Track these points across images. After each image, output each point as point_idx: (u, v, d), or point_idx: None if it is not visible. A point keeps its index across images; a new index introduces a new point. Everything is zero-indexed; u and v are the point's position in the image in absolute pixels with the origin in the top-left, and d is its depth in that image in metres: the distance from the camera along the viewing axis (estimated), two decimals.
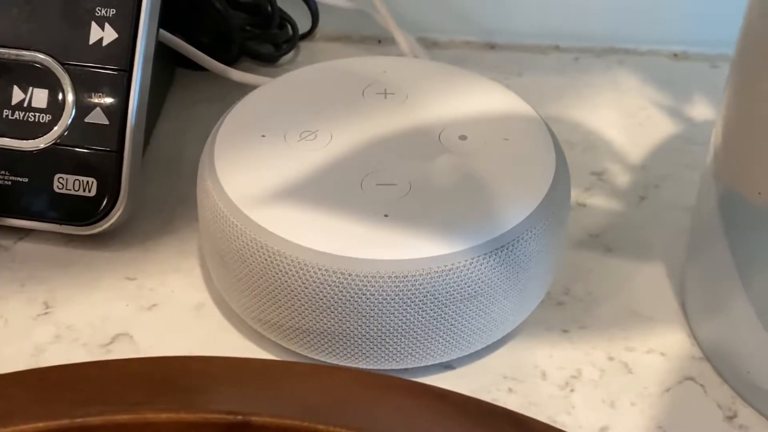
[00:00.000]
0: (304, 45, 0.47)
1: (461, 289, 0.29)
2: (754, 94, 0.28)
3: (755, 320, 0.29)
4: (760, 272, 0.29)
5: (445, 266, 0.29)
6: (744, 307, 0.29)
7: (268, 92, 0.35)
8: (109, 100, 0.34)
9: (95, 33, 0.34)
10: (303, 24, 0.46)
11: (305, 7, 0.46)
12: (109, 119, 0.34)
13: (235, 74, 0.40)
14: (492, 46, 0.47)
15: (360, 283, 0.29)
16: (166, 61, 0.42)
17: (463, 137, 0.33)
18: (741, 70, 0.29)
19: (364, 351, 0.30)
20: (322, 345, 0.30)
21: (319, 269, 0.29)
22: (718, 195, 0.30)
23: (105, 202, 0.34)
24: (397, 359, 0.30)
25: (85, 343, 0.33)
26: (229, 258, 0.31)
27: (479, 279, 0.29)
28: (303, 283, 0.29)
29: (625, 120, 0.43)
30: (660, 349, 0.33)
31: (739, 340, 0.30)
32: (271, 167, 0.31)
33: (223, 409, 0.25)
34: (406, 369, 0.31)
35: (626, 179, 0.40)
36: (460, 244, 0.29)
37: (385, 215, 0.30)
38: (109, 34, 0.34)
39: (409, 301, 0.29)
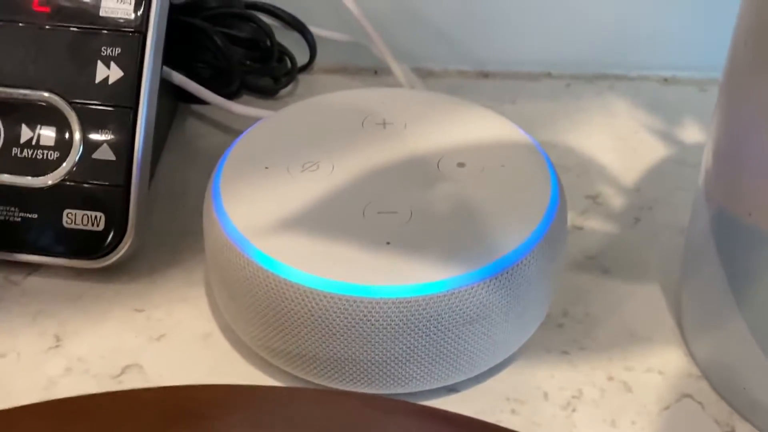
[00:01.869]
0: (302, 78, 0.48)
1: (463, 313, 0.30)
2: (741, 116, 0.29)
3: (749, 337, 0.30)
4: (753, 290, 0.29)
5: (447, 291, 0.30)
6: (738, 324, 0.30)
7: (270, 125, 0.36)
8: (115, 137, 0.35)
9: (101, 72, 0.35)
10: (301, 57, 0.47)
11: (303, 40, 0.47)
12: (115, 155, 0.35)
13: (237, 107, 0.41)
14: (485, 75, 0.48)
15: (365, 309, 0.30)
16: (168, 96, 0.43)
17: (461, 164, 0.34)
18: (728, 93, 0.30)
19: (369, 376, 0.31)
20: (329, 371, 0.31)
21: (325, 296, 0.30)
22: (710, 216, 0.31)
23: (113, 235, 0.35)
24: (402, 383, 0.31)
25: (95, 375, 0.33)
26: (236, 287, 0.31)
27: (481, 303, 0.30)
28: (309, 311, 0.30)
29: (618, 144, 0.44)
30: (658, 368, 0.34)
31: (734, 357, 0.31)
32: (275, 198, 0.32)
33: None
34: (411, 393, 0.32)
35: (620, 202, 0.41)
36: (461, 269, 0.30)
37: (388, 242, 0.31)
38: (114, 73, 0.35)
39: (412, 325, 0.30)
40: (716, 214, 0.31)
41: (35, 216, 0.35)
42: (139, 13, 0.35)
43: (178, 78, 0.40)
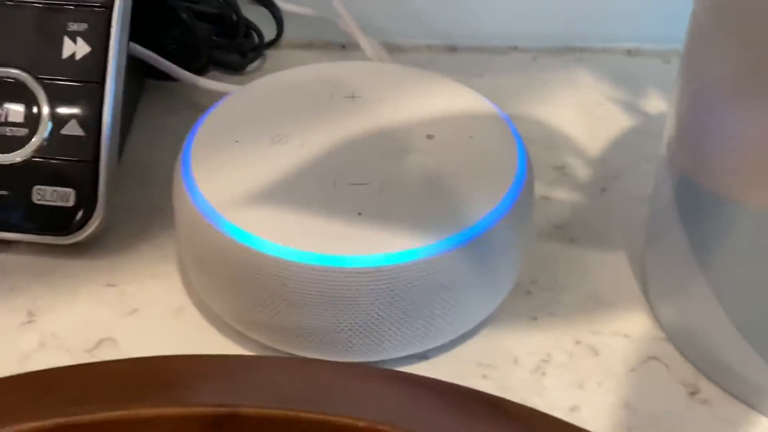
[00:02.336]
0: (270, 53, 0.48)
1: (434, 281, 0.31)
2: (700, 84, 0.29)
3: (712, 300, 0.31)
4: (715, 254, 0.30)
5: (418, 259, 0.30)
6: (701, 288, 0.31)
7: (238, 100, 0.36)
8: (83, 112, 0.35)
9: (68, 47, 0.35)
10: (268, 32, 0.47)
11: (270, 15, 0.47)
12: (84, 131, 0.35)
13: (204, 82, 0.41)
14: (453, 49, 0.48)
15: (337, 279, 0.30)
16: (136, 72, 0.42)
17: (430, 136, 0.34)
18: (688, 61, 0.30)
19: (343, 345, 0.31)
20: (303, 341, 0.31)
21: (297, 267, 0.30)
22: (673, 183, 0.32)
23: (83, 211, 0.35)
24: (375, 351, 0.32)
25: (69, 349, 0.33)
26: (208, 260, 0.32)
27: (450, 271, 0.31)
28: (282, 282, 0.30)
29: (584, 115, 0.44)
30: (624, 332, 0.34)
31: (698, 320, 0.32)
32: (245, 171, 0.33)
33: (210, 402, 0.26)
34: (383, 360, 0.32)
35: (587, 172, 0.41)
36: (431, 237, 0.31)
37: (359, 213, 0.31)
38: (81, 48, 0.35)
39: (384, 294, 0.30)
40: (678, 182, 0.31)
41: (5, 193, 0.35)
42: None
43: (146, 54, 0.40)
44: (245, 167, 0.33)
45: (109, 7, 0.35)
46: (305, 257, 0.30)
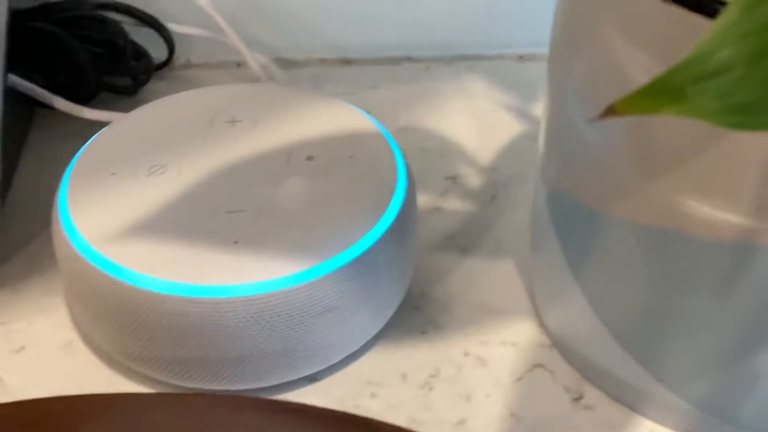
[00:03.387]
0: (164, 74, 0.48)
1: (314, 305, 0.31)
2: (560, 98, 0.30)
3: (587, 307, 0.31)
4: (586, 262, 0.31)
5: (296, 285, 0.30)
6: (577, 295, 0.31)
7: (117, 129, 0.36)
8: None
9: None
10: (162, 53, 0.47)
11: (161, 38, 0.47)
12: None
13: (88, 113, 0.41)
14: (348, 62, 0.49)
15: (214, 310, 0.30)
16: (21, 102, 0.42)
17: (310, 158, 0.34)
18: (549, 72, 0.31)
19: (227, 374, 0.31)
20: (186, 372, 0.31)
21: (174, 300, 0.30)
22: (546, 193, 0.32)
23: None
24: (261, 378, 0.32)
25: None
26: (87, 296, 0.31)
27: (331, 294, 0.31)
28: (159, 315, 0.30)
29: (476, 123, 0.45)
30: (512, 341, 0.35)
31: (577, 326, 0.33)
32: (121, 204, 0.32)
33: None
34: (271, 386, 0.32)
35: (478, 181, 0.42)
36: (309, 262, 0.31)
37: (235, 242, 0.31)
38: None
39: (264, 321, 0.30)
40: (549, 192, 0.32)
41: None
42: None
43: (24, 85, 0.40)
44: (121, 199, 0.32)
45: None
46: (179, 289, 0.30)
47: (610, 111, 0.17)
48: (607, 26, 0.26)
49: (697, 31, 0.17)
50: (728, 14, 0.16)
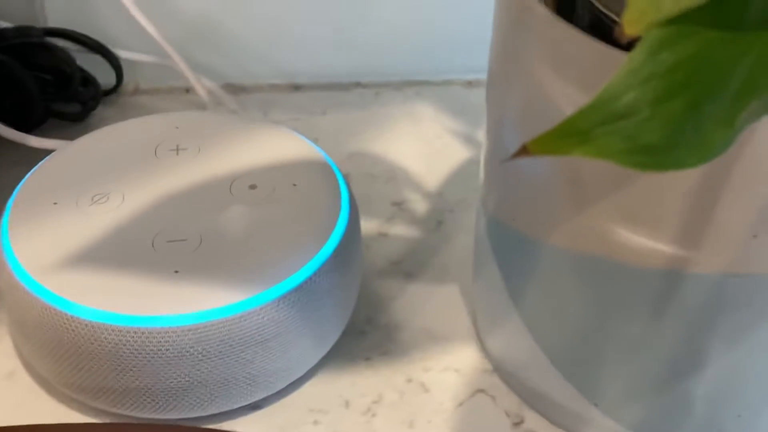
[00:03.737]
0: (112, 100, 0.48)
1: (255, 334, 0.31)
2: (498, 124, 0.30)
3: (526, 332, 0.32)
4: (523, 288, 0.31)
5: (235, 314, 0.30)
6: (515, 321, 0.32)
7: (61, 158, 0.36)
8: None
9: None
10: (110, 79, 0.47)
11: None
12: None
13: (33, 140, 0.41)
14: (297, 87, 0.49)
15: (154, 340, 0.30)
16: None
17: (253, 186, 0.35)
18: (488, 100, 0.32)
19: (168, 403, 0.31)
20: (127, 401, 0.31)
21: (112, 330, 0.30)
22: (486, 220, 0.33)
23: None
24: (202, 407, 0.32)
25: None
26: (27, 327, 0.31)
27: (271, 322, 0.31)
28: (98, 345, 0.30)
29: (423, 149, 0.45)
30: (455, 366, 0.35)
31: (517, 351, 0.33)
32: (63, 234, 0.32)
33: None
34: (215, 414, 0.33)
35: (424, 206, 0.42)
36: (249, 291, 0.31)
37: (176, 271, 0.31)
38: None
39: (204, 351, 0.30)
40: (490, 219, 0.32)
41: None
42: None
43: None
44: (62, 229, 0.32)
45: None
46: (118, 319, 0.30)
47: (523, 151, 0.17)
48: (538, 60, 0.27)
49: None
50: (634, 58, 0.17)
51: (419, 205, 0.43)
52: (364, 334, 0.36)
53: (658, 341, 0.29)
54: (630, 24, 0.17)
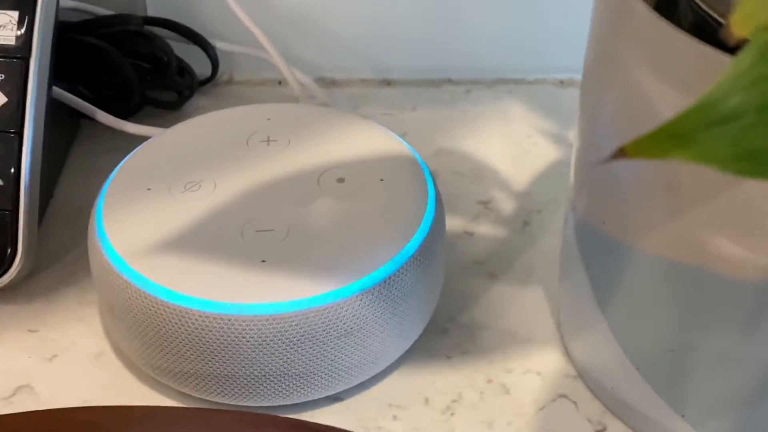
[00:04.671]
0: (207, 90, 0.48)
1: (337, 326, 0.31)
2: (591, 130, 0.30)
3: (612, 339, 0.31)
4: (611, 293, 0.31)
5: (319, 306, 0.31)
6: (602, 326, 0.31)
7: (157, 145, 0.37)
8: (1, 162, 0.35)
9: None
10: (206, 70, 0.48)
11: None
12: (2, 180, 0.36)
13: (130, 127, 0.42)
14: (388, 83, 0.49)
15: (239, 327, 0.30)
16: (67, 113, 0.43)
17: (340, 180, 0.35)
18: (582, 100, 0.31)
19: (250, 390, 0.32)
20: (211, 386, 0.32)
21: (200, 316, 0.30)
22: (575, 223, 0.32)
23: (3, 258, 0.36)
24: (283, 395, 0.32)
25: None
26: (118, 309, 0.32)
27: (355, 316, 0.31)
28: (186, 330, 0.31)
29: (512, 148, 0.45)
30: (536, 369, 0.35)
31: (602, 357, 0.32)
32: (155, 219, 0.33)
33: None
34: (295, 404, 0.33)
35: (511, 206, 0.42)
36: (332, 284, 0.31)
37: (263, 261, 0.32)
38: None
39: (287, 340, 0.31)
40: (579, 222, 0.32)
41: None
42: (22, 38, 0.36)
43: (69, 98, 0.41)
44: (155, 215, 0.33)
45: (26, 58, 0.36)
46: (206, 305, 0.30)
47: (621, 153, 0.17)
48: (636, 61, 0.26)
49: (724, 70, 0.17)
50: (741, 61, 0.16)
51: (506, 205, 0.42)
52: (445, 332, 0.36)
53: (749, 355, 0.28)
54: (738, 25, 0.16)
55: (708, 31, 0.25)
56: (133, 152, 0.36)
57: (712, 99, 0.16)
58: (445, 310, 0.37)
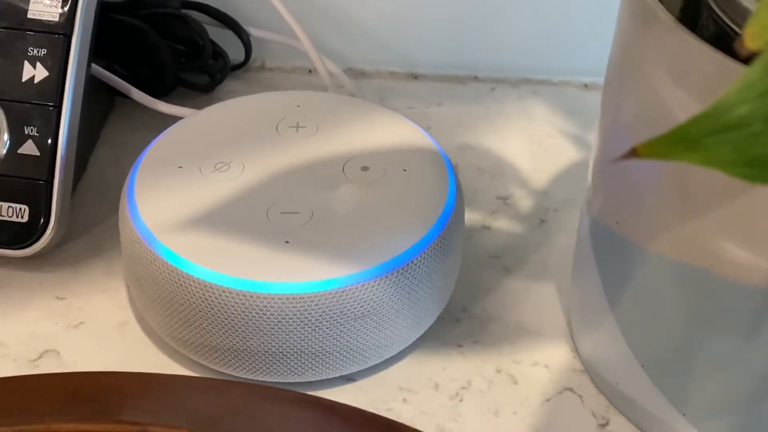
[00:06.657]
0: (240, 75, 0.50)
1: (354, 309, 0.32)
2: (609, 131, 0.31)
3: (619, 336, 0.32)
4: (621, 292, 0.32)
5: (338, 288, 0.32)
6: (610, 323, 0.32)
7: (189, 125, 0.38)
8: (40, 134, 0.37)
9: (27, 71, 0.37)
10: (239, 55, 0.49)
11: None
12: (40, 151, 0.37)
13: (163, 106, 0.43)
14: (415, 77, 0.50)
15: (260, 304, 0.32)
16: (103, 90, 0.44)
17: (365, 168, 0.36)
18: (603, 103, 0.32)
19: (266, 365, 0.33)
20: (229, 360, 0.33)
21: (223, 291, 0.32)
22: (589, 222, 0.33)
23: (36, 227, 0.37)
24: (298, 373, 0.33)
25: (15, 359, 0.35)
26: (144, 280, 0.33)
27: (371, 300, 0.32)
28: (209, 304, 0.32)
29: (533, 147, 0.46)
30: (544, 362, 0.36)
31: (608, 354, 0.33)
32: (185, 196, 0.34)
33: (124, 420, 0.27)
34: (309, 382, 0.34)
35: (529, 203, 0.43)
36: (352, 268, 0.32)
37: (286, 242, 0.33)
38: (40, 72, 0.37)
39: (305, 320, 0.32)
40: (593, 221, 0.33)
41: None
42: (65, 16, 0.37)
43: (106, 76, 0.42)
44: (185, 192, 0.34)
45: (68, 35, 0.37)
46: (230, 282, 0.32)
47: (633, 153, 0.18)
48: (657, 68, 0.27)
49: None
50: (751, 72, 0.17)
51: (524, 202, 0.43)
52: (458, 321, 0.37)
53: (752, 358, 0.29)
54: (751, 38, 0.17)
55: (728, 42, 0.26)
56: (166, 131, 0.38)
57: (721, 107, 0.17)
58: (459, 300, 0.38)
